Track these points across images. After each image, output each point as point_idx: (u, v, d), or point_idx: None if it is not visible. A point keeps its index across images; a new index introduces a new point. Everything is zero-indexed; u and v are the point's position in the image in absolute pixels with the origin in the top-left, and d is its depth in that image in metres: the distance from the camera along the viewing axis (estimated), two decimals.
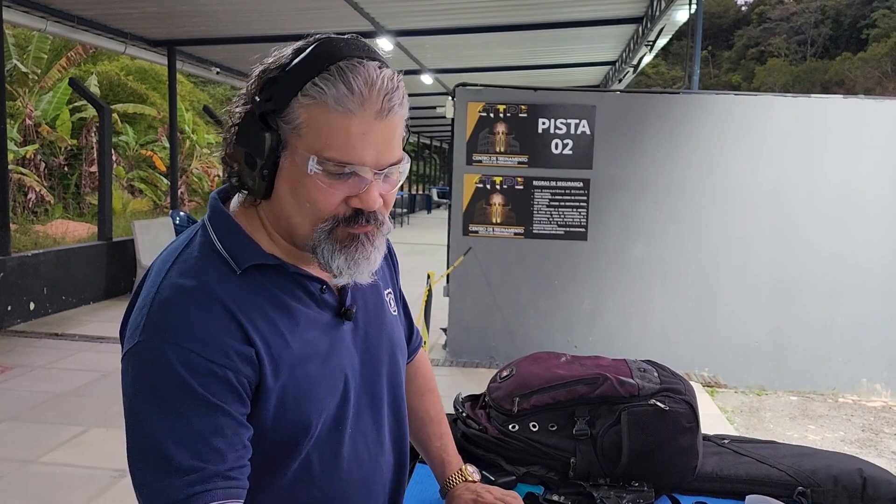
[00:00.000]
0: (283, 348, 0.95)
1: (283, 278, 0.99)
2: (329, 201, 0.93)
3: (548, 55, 11.67)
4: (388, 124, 0.93)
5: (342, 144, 0.90)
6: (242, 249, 0.97)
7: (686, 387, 1.62)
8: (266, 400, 0.93)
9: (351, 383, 1.04)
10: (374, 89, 0.90)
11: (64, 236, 12.58)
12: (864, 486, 1.54)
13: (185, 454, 0.85)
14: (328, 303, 1.04)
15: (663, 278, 5.82)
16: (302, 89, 0.90)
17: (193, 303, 0.91)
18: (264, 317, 0.95)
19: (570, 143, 5.81)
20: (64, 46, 15.77)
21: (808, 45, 45.88)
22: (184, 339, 0.88)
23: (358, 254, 0.97)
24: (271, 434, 0.95)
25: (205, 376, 0.88)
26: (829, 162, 5.58)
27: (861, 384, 5.62)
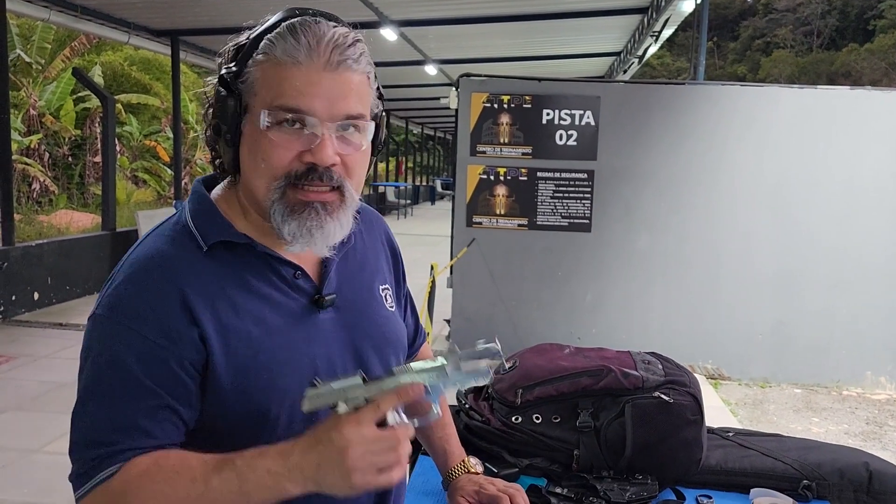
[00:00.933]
0: (241, 330, 0.95)
1: (254, 260, 0.99)
2: (282, 156, 0.92)
3: (552, 46, 11.61)
4: (341, 77, 0.92)
5: (290, 91, 0.91)
6: (211, 227, 0.98)
7: (691, 379, 1.61)
8: (218, 382, 0.94)
9: (322, 371, 0.99)
10: (323, 41, 0.91)
11: (68, 226, 12.60)
12: (870, 480, 1.53)
13: (107, 428, 0.90)
14: (303, 289, 1.01)
15: (667, 270, 5.80)
16: (256, 49, 0.93)
17: (146, 282, 0.94)
18: (224, 297, 0.95)
19: (574, 134, 5.78)
20: (68, 36, 15.75)
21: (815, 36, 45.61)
22: (129, 319, 0.92)
23: (311, 221, 0.94)
24: (232, 417, 0.95)
25: (143, 356, 0.91)
26: (834, 154, 5.55)
27: (865, 377, 5.60)
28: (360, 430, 0.83)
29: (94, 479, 0.88)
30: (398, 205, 22.19)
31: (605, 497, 1.41)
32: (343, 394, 0.86)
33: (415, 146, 31.68)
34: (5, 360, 5.44)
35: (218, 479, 0.86)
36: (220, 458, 0.88)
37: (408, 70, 13.28)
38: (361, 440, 0.83)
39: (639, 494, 1.43)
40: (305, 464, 0.84)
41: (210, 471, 0.87)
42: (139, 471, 0.88)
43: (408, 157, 31.49)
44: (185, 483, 0.87)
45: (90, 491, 0.89)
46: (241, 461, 0.86)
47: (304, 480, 0.85)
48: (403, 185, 24.95)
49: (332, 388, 0.87)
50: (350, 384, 0.87)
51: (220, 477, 0.86)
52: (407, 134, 29.51)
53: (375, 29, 9.34)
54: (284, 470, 0.85)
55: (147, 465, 0.89)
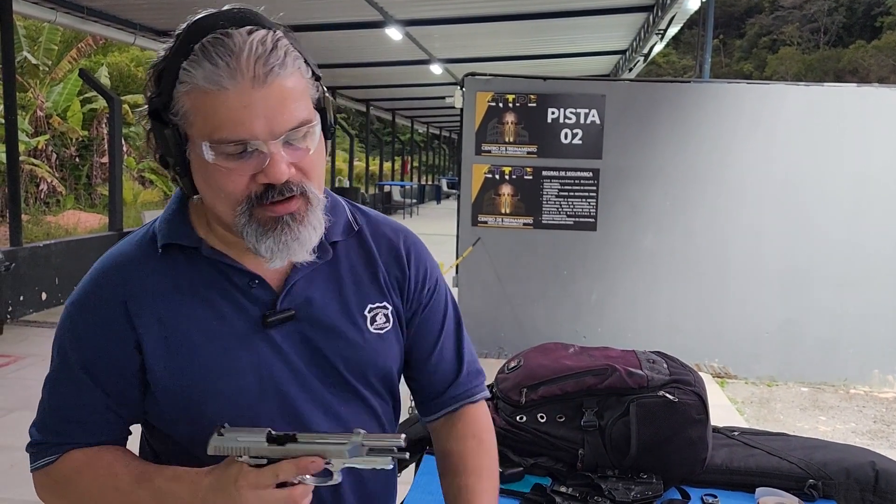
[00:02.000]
0: (180, 334, 0.96)
1: (207, 267, 0.98)
2: (236, 183, 0.89)
3: (557, 44, 11.59)
4: (273, 89, 0.86)
5: (227, 122, 0.86)
6: (169, 230, 0.99)
7: (696, 378, 1.61)
8: (156, 383, 0.96)
9: (269, 395, 0.98)
10: (242, 57, 0.85)
11: (76, 227, 12.66)
12: (877, 479, 1.53)
13: (51, 418, 0.99)
14: (259, 299, 0.98)
15: (673, 269, 5.79)
16: (178, 77, 0.87)
17: (98, 283, 0.98)
18: (168, 301, 0.96)
19: (579, 132, 5.77)
20: (74, 38, 15.82)
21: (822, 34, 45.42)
22: (78, 318, 0.97)
23: (285, 235, 0.92)
24: (173, 417, 0.98)
25: (86, 353, 0.96)
26: (842, 151, 5.52)
27: (873, 375, 5.58)
28: (257, 492, 0.87)
29: (38, 462, 0.99)
30: (403, 204, 22.22)
31: (610, 496, 1.41)
32: (246, 450, 0.89)
33: (420, 145, 31.69)
34: (13, 360, 5.47)
35: (138, 492, 0.94)
36: (142, 473, 0.95)
37: (413, 69, 13.29)
38: (258, 501, 0.87)
39: (644, 494, 1.43)
40: (209, 500, 0.89)
41: (132, 483, 0.94)
42: (74, 466, 0.97)
43: (413, 157, 31.50)
44: (110, 489, 0.95)
45: (37, 470, 1.00)
46: (160, 481, 0.93)
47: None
48: (409, 184, 24.97)
49: (236, 440, 0.89)
50: (254, 441, 0.89)
51: (140, 490, 0.94)
52: (412, 133, 29.52)
53: (381, 28, 9.35)
54: (192, 499, 0.90)
55: (82, 462, 0.97)
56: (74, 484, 0.97)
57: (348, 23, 9.31)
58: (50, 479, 0.99)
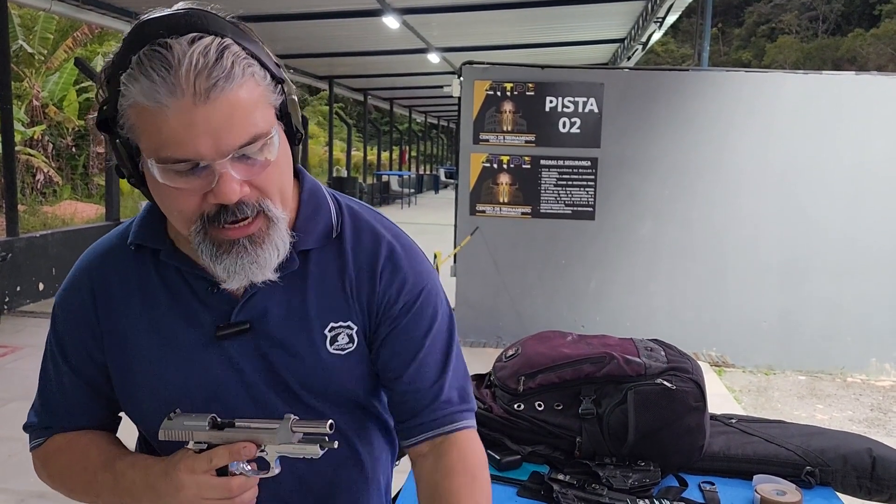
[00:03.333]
0: (135, 340, 0.96)
1: (173, 269, 0.96)
2: (188, 201, 0.83)
3: (556, 33, 11.55)
4: (217, 104, 0.78)
5: (170, 141, 0.79)
6: (140, 229, 0.97)
7: (693, 366, 1.61)
8: (113, 377, 1.00)
9: (222, 395, 0.95)
10: (181, 71, 0.77)
11: (72, 217, 12.62)
12: (874, 466, 1.53)
13: (40, 403, 1.04)
14: (216, 308, 0.94)
15: (671, 257, 5.79)
16: (122, 90, 0.80)
17: (77, 277, 1.01)
18: (130, 301, 0.97)
19: (577, 121, 5.75)
20: (70, 27, 15.71)
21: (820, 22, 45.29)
22: (59, 307, 1.02)
23: (242, 259, 0.86)
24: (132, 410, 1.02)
25: (63, 343, 1.00)
26: (840, 140, 5.51)
27: (870, 364, 5.59)
28: (192, 476, 0.88)
29: (31, 443, 1.05)
30: (402, 194, 22.18)
31: (608, 484, 1.41)
32: (189, 434, 0.91)
33: (418, 135, 31.63)
34: (10, 351, 5.46)
35: (102, 475, 0.97)
36: (109, 458, 0.98)
37: (410, 58, 13.23)
38: (193, 485, 0.88)
39: (641, 481, 1.43)
40: (158, 486, 0.91)
41: (100, 466, 0.98)
42: (56, 447, 1.02)
43: (411, 146, 31.44)
44: (81, 471, 1.00)
45: (31, 451, 1.05)
46: (120, 466, 0.96)
47: (155, 498, 0.92)
48: (407, 174, 24.92)
49: (182, 424, 0.91)
50: (197, 425, 0.90)
51: (103, 475, 0.97)
52: (410, 123, 29.45)
53: (378, 17, 9.30)
54: (143, 484, 0.93)
55: (62, 445, 1.02)
56: (54, 463, 1.03)
57: (345, 11, 9.26)
58: (38, 459, 1.05)
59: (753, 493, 1.44)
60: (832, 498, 1.49)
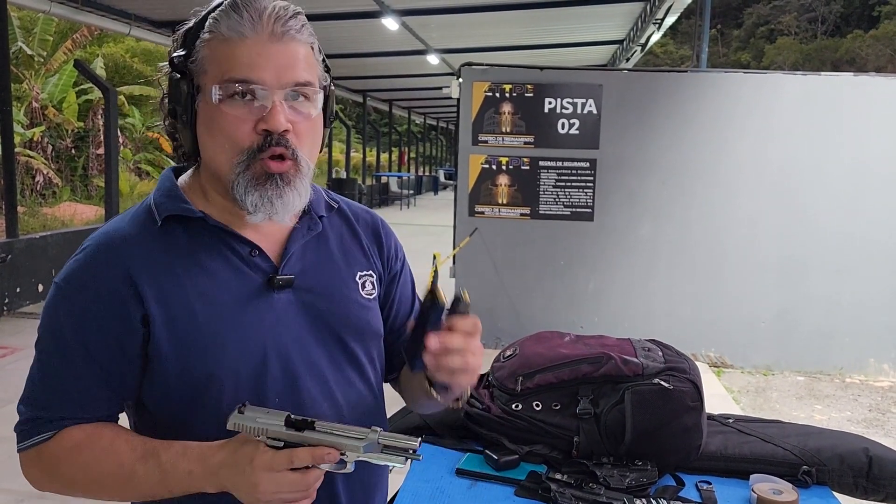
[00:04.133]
0: (184, 305, 0.98)
1: (208, 237, 1.01)
2: (240, 128, 0.95)
3: (555, 34, 11.56)
4: (286, 47, 0.96)
5: (239, 65, 0.94)
6: (167, 203, 1.02)
7: (691, 366, 1.61)
8: (161, 354, 0.97)
9: (273, 355, 1.01)
10: (265, 14, 0.95)
11: (72, 219, 12.63)
12: (870, 466, 1.53)
13: (43, 393, 0.98)
14: (260, 267, 1.03)
15: (670, 258, 5.80)
16: (203, 29, 0.97)
17: (95, 257, 0.99)
18: (170, 272, 0.98)
19: (576, 122, 5.76)
20: (69, 28, 15.73)
21: (819, 23, 45.32)
22: (75, 291, 0.97)
23: (271, 192, 0.97)
24: (175, 388, 0.98)
25: (83, 328, 0.96)
26: (838, 140, 5.52)
27: (868, 364, 5.60)
28: (271, 474, 0.89)
29: (32, 439, 0.98)
30: (401, 195, 22.18)
31: (605, 483, 1.42)
32: (264, 431, 0.91)
33: (417, 136, 31.63)
34: (10, 352, 5.47)
35: (143, 468, 0.94)
36: (147, 449, 0.95)
37: (410, 60, 13.25)
38: (271, 483, 0.89)
39: (638, 480, 1.44)
40: (223, 476, 0.92)
41: (136, 459, 0.95)
42: (73, 442, 0.97)
43: (410, 148, 31.44)
44: (113, 466, 0.96)
45: (27, 449, 0.99)
46: (166, 457, 0.94)
47: (220, 487, 0.93)
48: (406, 175, 24.92)
49: (255, 421, 0.91)
50: (273, 424, 0.91)
51: (144, 467, 0.94)
52: (409, 124, 29.45)
53: (377, 18, 9.32)
54: (203, 473, 0.93)
55: (80, 439, 0.97)
56: (70, 461, 0.97)
57: (344, 13, 9.27)
58: (42, 456, 0.98)
59: (750, 493, 1.45)
60: (828, 497, 1.49)
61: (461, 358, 0.96)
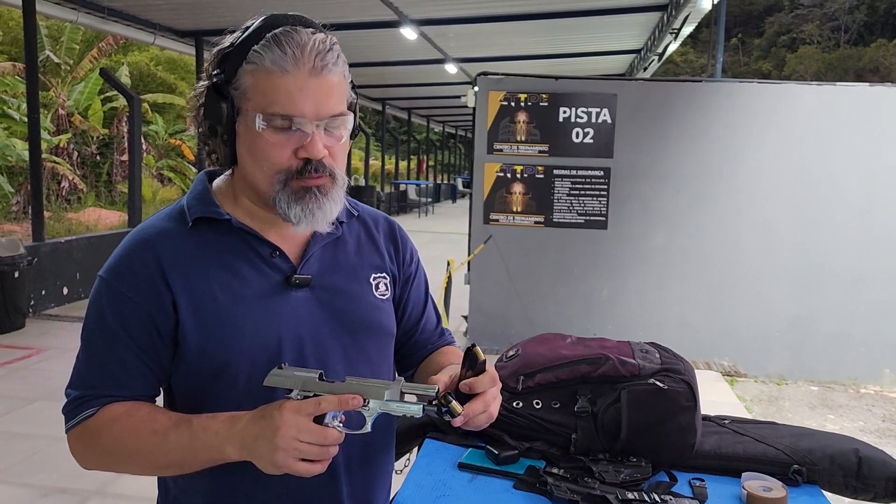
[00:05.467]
0: (208, 297, 1.07)
1: (233, 238, 1.11)
2: (280, 154, 1.04)
3: (572, 44, 11.62)
4: (324, 81, 1.03)
5: (282, 100, 1.02)
6: (198, 206, 1.11)
7: (686, 367, 1.66)
8: (186, 341, 1.06)
9: (287, 347, 1.09)
10: (306, 50, 1.02)
11: (96, 224, 12.86)
12: (860, 466, 1.58)
13: (88, 373, 1.08)
14: (279, 267, 1.12)
15: (684, 267, 5.82)
16: (246, 58, 1.03)
17: (132, 249, 1.09)
18: (197, 267, 1.08)
19: (590, 131, 5.82)
20: (95, 37, 16.04)
21: (842, 32, 44.90)
22: (114, 280, 1.07)
23: (312, 204, 1.06)
24: (197, 374, 1.08)
25: (122, 312, 1.06)
26: (855, 150, 5.53)
27: (883, 374, 5.58)
28: (296, 416, 0.94)
29: (78, 417, 1.07)
30: (419, 203, 22.29)
31: (600, 478, 1.47)
32: (299, 382, 0.98)
33: (436, 144, 31.73)
34: (35, 353, 5.61)
35: (175, 434, 1.02)
36: (181, 417, 1.04)
37: (428, 69, 13.36)
38: (294, 425, 0.94)
39: (632, 476, 1.49)
40: (247, 432, 0.97)
41: (170, 426, 1.03)
42: (112, 415, 1.06)
43: (429, 156, 31.57)
44: (147, 433, 1.03)
45: (75, 426, 1.07)
46: (197, 421, 1.02)
47: (241, 447, 0.98)
48: (425, 183, 25.04)
49: (293, 374, 0.99)
50: (308, 376, 0.99)
51: (176, 432, 1.02)
52: (428, 132, 29.58)
53: (396, 28, 9.44)
54: (229, 434, 0.99)
55: (120, 412, 1.06)
56: (108, 432, 1.05)
57: (364, 22, 9.40)
58: (87, 431, 1.06)
59: (741, 490, 1.50)
60: (818, 496, 1.54)
61: (486, 415, 1.05)
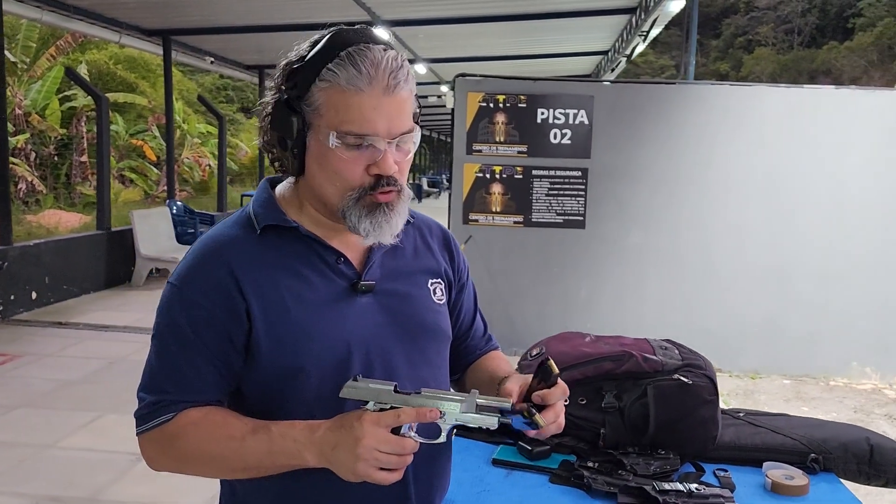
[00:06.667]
0: (279, 303, 1.09)
1: (301, 245, 1.13)
2: (352, 171, 1.06)
3: (541, 45, 11.75)
4: (396, 98, 1.05)
5: (357, 119, 1.03)
6: (266, 213, 1.13)
7: (706, 362, 1.73)
8: (259, 347, 1.08)
9: (358, 349, 1.12)
10: (380, 69, 1.03)
11: (56, 226, 12.56)
12: (872, 453, 1.66)
13: (163, 379, 1.09)
14: (345, 273, 1.14)
15: (659, 265, 5.95)
16: (319, 75, 1.04)
17: (204, 257, 1.11)
18: (268, 274, 1.10)
19: (568, 132, 5.91)
20: (51, 35, 15.65)
21: (796, 34, 46.10)
22: (187, 287, 1.09)
23: (381, 218, 1.09)
24: (268, 379, 1.10)
25: (196, 319, 1.08)
26: (822, 150, 5.71)
27: (852, 367, 5.78)
28: (376, 428, 0.98)
29: (154, 421, 1.08)
30: None
31: (632, 470, 1.53)
32: (376, 395, 1.01)
33: None
34: (9, 359, 5.48)
35: (253, 439, 1.04)
36: (258, 423, 1.06)
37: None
38: (375, 436, 0.97)
39: (662, 468, 1.55)
40: (326, 441, 1.00)
41: (248, 432, 1.05)
42: (190, 420, 1.08)
43: None
44: (225, 438, 1.06)
45: (150, 430, 1.09)
46: (276, 428, 1.04)
47: (320, 454, 1.01)
48: None
49: (368, 386, 1.02)
50: (383, 388, 1.01)
51: (255, 438, 1.04)
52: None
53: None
54: (308, 441, 1.02)
55: (197, 417, 1.08)
56: (185, 437, 1.07)
57: (337, 23, 9.30)
58: (164, 435, 1.08)
59: (764, 478, 1.57)
60: (835, 482, 1.62)
61: (556, 425, 1.10)
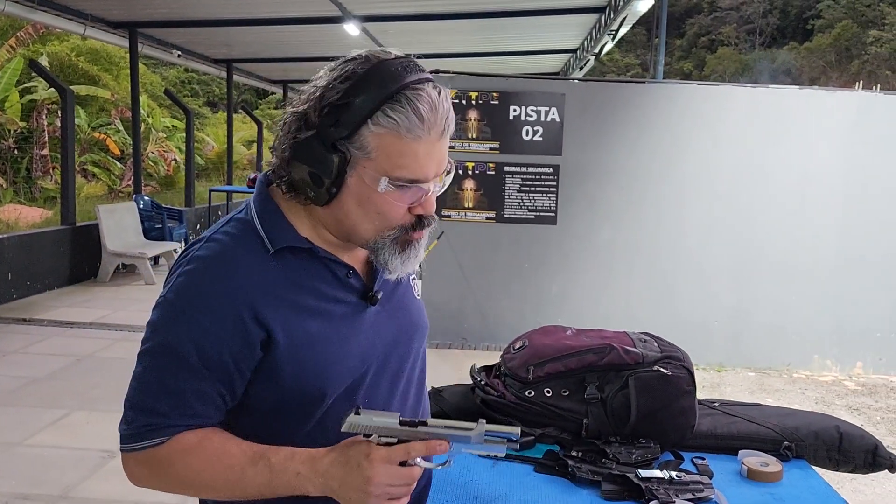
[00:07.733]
0: (300, 326, 1.04)
1: (314, 263, 1.08)
2: (398, 213, 1.04)
3: (512, 42, 11.81)
4: (445, 141, 1.03)
5: (412, 165, 1.00)
6: (279, 232, 1.07)
7: (684, 354, 1.79)
8: (279, 371, 1.04)
9: (371, 362, 1.12)
10: (438, 114, 0.99)
11: (17, 221, 12.27)
12: (841, 440, 1.74)
13: (158, 400, 1.02)
14: (354, 286, 1.12)
15: (628, 261, 6.05)
16: (372, 118, 0.97)
17: (216, 281, 1.02)
18: (287, 297, 1.04)
19: (540, 129, 5.97)
20: (10, 26, 15.28)
21: (757, 35, 46.95)
22: (193, 308, 1.01)
23: (411, 254, 1.08)
24: (286, 399, 1.06)
25: (203, 346, 1.01)
26: (786, 150, 5.87)
27: (813, 360, 5.95)
28: (387, 467, 0.97)
29: (144, 442, 1.03)
30: None
31: (615, 459, 1.58)
32: (379, 429, 0.98)
33: None
34: None
35: (252, 470, 1.00)
36: (256, 452, 1.02)
37: None
38: (386, 475, 0.96)
39: (643, 456, 1.60)
40: (330, 475, 0.99)
41: (247, 462, 1.01)
42: (184, 446, 1.03)
43: None
44: (223, 468, 1.02)
45: (139, 451, 1.03)
46: (276, 459, 1.00)
47: (324, 487, 0.99)
48: None
49: (372, 420, 0.98)
50: (387, 423, 0.98)
51: (254, 469, 1.00)
52: None
53: (339, 24, 9.39)
54: (310, 474, 0.99)
55: (192, 444, 1.03)
56: (181, 462, 1.03)
57: (307, 17, 9.32)
58: (154, 459, 1.03)
59: (740, 465, 1.63)
60: (807, 468, 1.68)
61: None
